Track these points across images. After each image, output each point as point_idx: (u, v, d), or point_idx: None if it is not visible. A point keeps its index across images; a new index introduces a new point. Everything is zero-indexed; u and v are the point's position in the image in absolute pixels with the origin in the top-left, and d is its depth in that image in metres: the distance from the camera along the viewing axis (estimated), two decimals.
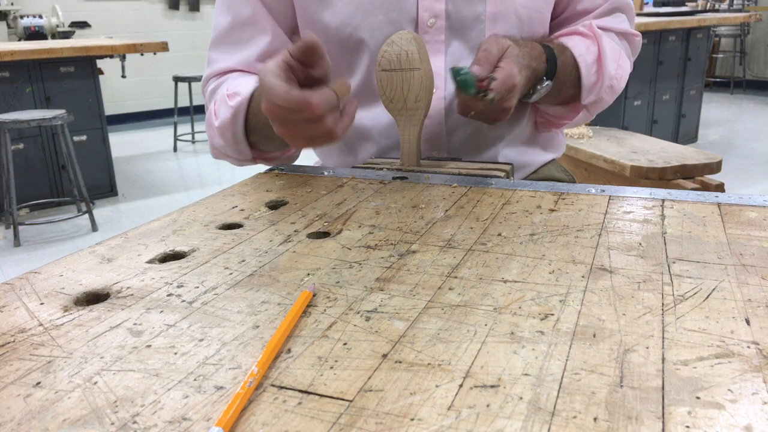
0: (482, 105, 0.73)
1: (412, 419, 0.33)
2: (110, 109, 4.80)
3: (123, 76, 4.02)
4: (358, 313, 0.44)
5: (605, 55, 0.87)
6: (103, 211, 3.56)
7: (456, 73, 0.72)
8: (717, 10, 5.95)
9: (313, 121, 0.62)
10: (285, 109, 0.61)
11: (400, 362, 0.38)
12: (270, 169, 0.84)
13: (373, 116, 0.89)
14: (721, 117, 5.65)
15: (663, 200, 0.66)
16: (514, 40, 0.79)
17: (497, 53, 0.75)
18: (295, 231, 0.61)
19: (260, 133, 0.82)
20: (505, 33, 0.84)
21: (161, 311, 0.46)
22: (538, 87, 0.83)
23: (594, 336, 0.40)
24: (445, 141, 0.90)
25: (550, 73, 0.83)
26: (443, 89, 0.86)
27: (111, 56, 3.73)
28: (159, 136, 5.45)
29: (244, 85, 0.82)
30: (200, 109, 5.41)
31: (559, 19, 0.94)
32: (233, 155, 0.86)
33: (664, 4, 4.76)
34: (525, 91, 0.83)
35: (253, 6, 0.86)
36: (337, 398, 0.35)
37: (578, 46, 0.87)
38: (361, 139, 0.91)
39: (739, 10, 6.29)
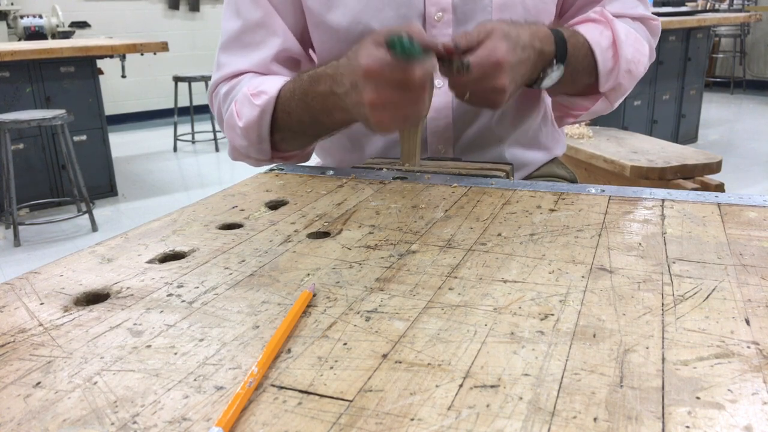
0: (461, 78, 0.71)
1: (412, 419, 0.33)
2: (110, 109, 4.80)
3: (123, 76, 4.02)
4: (358, 313, 0.44)
5: (620, 38, 0.84)
6: (103, 211, 3.55)
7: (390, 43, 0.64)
8: (717, 10, 5.95)
9: (410, 89, 0.66)
10: (388, 71, 0.64)
11: (400, 362, 0.38)
12: (270, 169, 0.84)
13: None
14: (721, 117, 5.65)
15: (663, 200, 0.66)
16: (514, 21, 0.77)
17: (477, 35, 0.73)
18: (295, 231, 0.61)
19: (290, 130, 0.82)
20: None
21: (161, 311, 0.46)
22: (549, 71, 0.80)
23: (594, 336, 0.40)
24: (451, 135, 0.90)
25: (561, 56, 0.80)
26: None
27: (111, 56, 3.72)
28: (159, 136, 5.45)
29: (268, 84, 0.82)
30: (200, 109, 5.41)
31: (571, 11, 0.93)
32: (254, 155, 0.86)
33: (664, 4, 4.76)
34: (534, 75, 0.80)
35: (264, 9, 0.86)
36: (337, 398, 0.35)
37: (591, 31, 0.84)
38: (366, 134, 0.92)
39: (739, 10, 6.29)
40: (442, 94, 0.86)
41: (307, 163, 0.90)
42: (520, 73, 0.76)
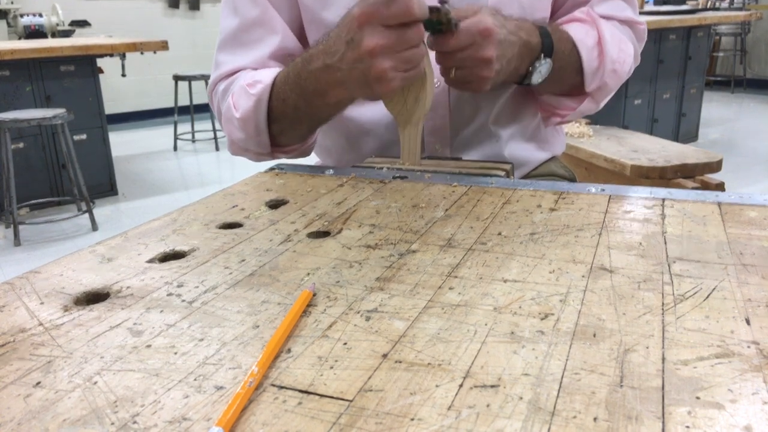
0: (448, 43, 0.71)
1: (412, 419, 0.33)
2: (110, 108, 4.79)
3: (123, 75, 4.02)
4: (358, 312, 0.44)
5: (605, 38, 0.85)
6: (103, 210, 3.56)
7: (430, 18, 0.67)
8: (717, 9, 5.95)
9: (408, 27, 0.66)
10: (383, 8, 0.64)
11: (400, 362, 0.38)
12: (270, 168, 0.84)
13: (374, 111, 0.89)
14: (722, 116, 5.64)
15: (663, 199, 0.66)
16: (500, 14, 0.77)
17: (465, 11, 0.74)
18: (295, 230, 0.61)
19: (286, 118, 0.81)
20: None
21: (161, 311, 0.46)
22: (537, 64, 0.81)
23: (594, 336, 0.40)
24: (449, 134, 0.90)
25: (547, 50, 0.81)
26: None
27: (111, 55, 3.73)
28: (159, 135, 5.45)
29: (264, 74, 0.81)
30: (200, 108, 5.41)
31: (561, 11, 0.93)
32: (253, 149, 0.85)
33: (664, 3, 4.76)
34: (522, 68, 0.81)
35: (261, 6, 0.86)
36: (337, 398, 0.35)
37: (576, 30, 0.86)
38: (363, 134, 0.92)
39: (740, 9, 6.29)
40: (439, 93, 0.86)
41: (307, 163, 0.90)
42: (507, 55, 0.76)
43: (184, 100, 5.24)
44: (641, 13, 4.56)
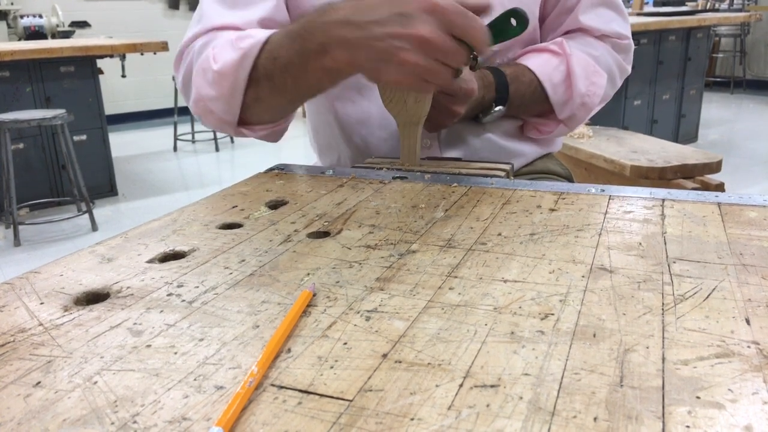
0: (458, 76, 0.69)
1: (412, 419, 0.33)
2: (110, 108, 4.78)
3: (123, 76, 4.02)
4: (358, 312, 0.44)
5: (575, 73, 0.89)
6: (103, 210, 3.56)
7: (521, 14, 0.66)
8: (717, 10, 5.95)
9: (460, 44, 0.61)
10: (459, 12, 0.60)
11: (400, 362, 0.38)
12: (270, 169, 0.84)
13: (374, 112, 0.89)
14: (721, 117, 5.65)
15: (663, 200, 0.66)
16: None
17: None
18: (295, 231, 0.61)
19: (270, 81, 0.72)
20: None
21: (161, 311, 0.46)
22: (491, 111, 0.88)
23: (594, 336, 0.40)
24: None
25: (502, 101, 0.87)
26: None
27: (111, 56, 3.73)
28: (159, 136, 5.45)
29: (258, 32, 0.74)
30: None
31: (550, 18, 0.95)
32: (219, 112, 0.77)
33: (664, 4, 4.77)
34: (471, 114, 0.87)
35: None
36: (337, 398, 0.35)
37: (544, 64, 0.89)
38: (363, 135, 0.92)
39: (739, 10, 6.29)
40: None
41: (306, 164, 0.90)
42: (466, 110, 0.82)
43: (183, 100, 5.24)
44: (640, 14, 4.58)
